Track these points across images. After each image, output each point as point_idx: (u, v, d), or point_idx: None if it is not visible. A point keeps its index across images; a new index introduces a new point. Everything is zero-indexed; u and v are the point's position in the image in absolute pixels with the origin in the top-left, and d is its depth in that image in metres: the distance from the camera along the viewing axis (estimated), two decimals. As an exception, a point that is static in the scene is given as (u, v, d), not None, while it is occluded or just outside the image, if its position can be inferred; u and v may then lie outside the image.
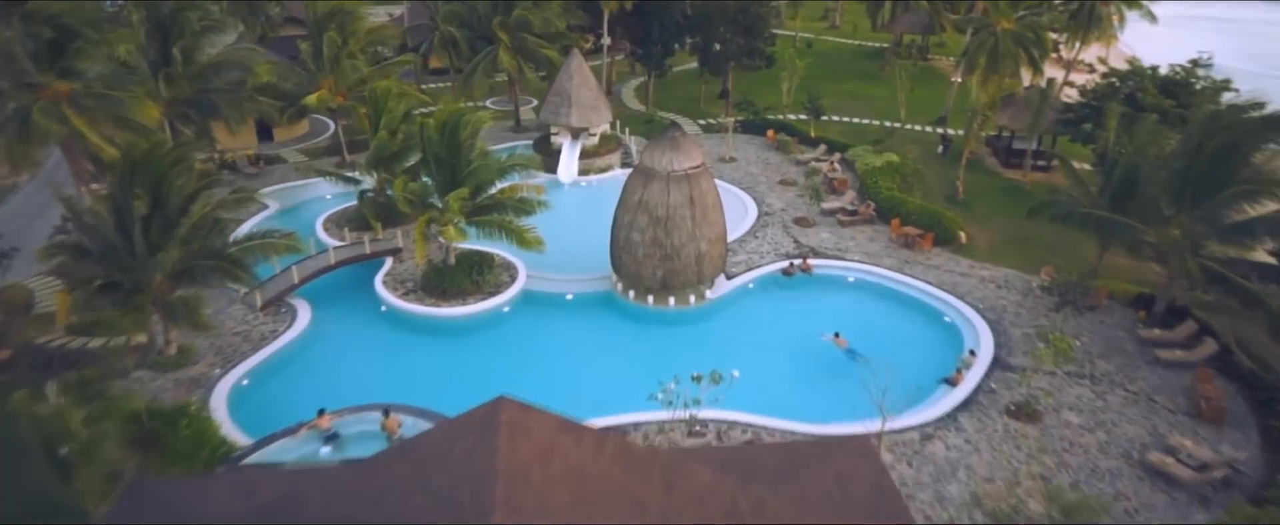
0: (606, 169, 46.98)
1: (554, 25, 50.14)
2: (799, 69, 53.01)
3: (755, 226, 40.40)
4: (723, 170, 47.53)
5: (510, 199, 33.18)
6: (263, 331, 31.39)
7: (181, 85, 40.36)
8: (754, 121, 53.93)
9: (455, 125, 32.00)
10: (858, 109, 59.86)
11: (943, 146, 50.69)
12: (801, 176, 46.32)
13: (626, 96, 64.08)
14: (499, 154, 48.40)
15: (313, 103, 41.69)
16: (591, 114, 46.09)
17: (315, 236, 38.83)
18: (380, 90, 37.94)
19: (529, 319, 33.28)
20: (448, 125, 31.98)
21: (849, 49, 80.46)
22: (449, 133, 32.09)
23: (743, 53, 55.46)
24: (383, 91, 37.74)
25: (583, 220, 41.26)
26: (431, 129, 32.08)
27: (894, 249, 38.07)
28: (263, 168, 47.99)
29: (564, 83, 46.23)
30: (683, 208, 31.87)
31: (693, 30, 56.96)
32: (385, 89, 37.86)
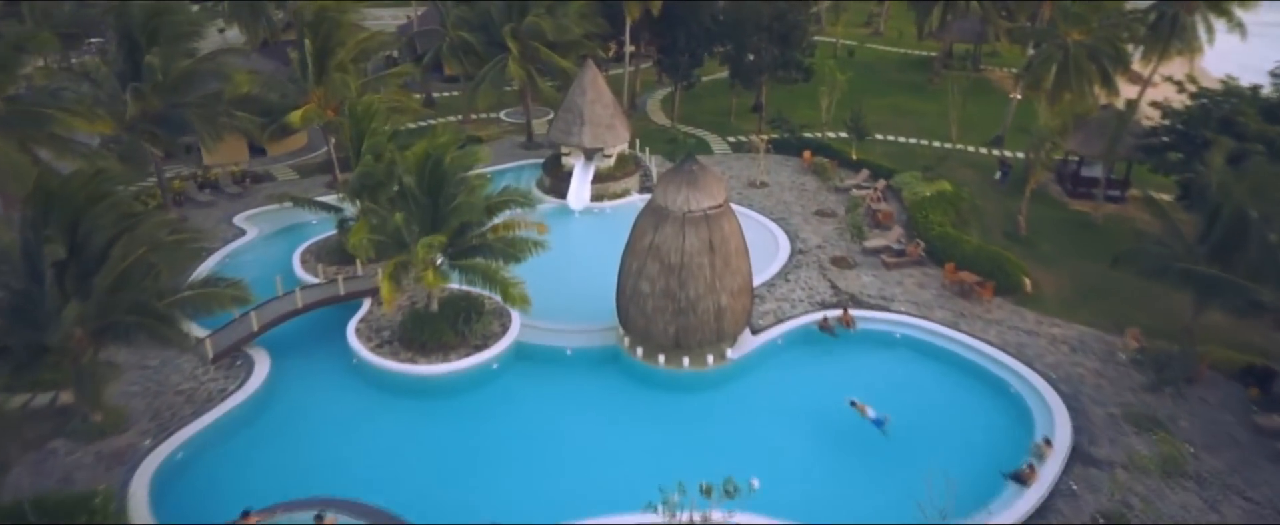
0: (623, 194, 42.26)
1: (569, 33, 45.50)
2: (840, 83, 47.86)
3: (787, 267, 35.39)
4: (752, 197, 42.57)
5: (499, 240, 28.60)
6: (210, 390, 27.13)
7: (150, 99, 36.42)
8: (789, 141, 48.86)
9: (437, 161, 27.45)
10: (903, 126, 54.48)
11: (1001, 173, 45.19)
12: (841, 207, 41.20)
13: (652, 109, 59.29)
14: (503, 176, 45.31)
15: (296, 120, 37.45)
16: (606, 133, 41.40)
17: (292, 270, 34.66)
18: (364, 106, 33.53)
19: (520, 380, 28.68)
20: (427, 161, 27.44)
21: (893, 58, 74.95)
22: (429, 168, 27.56)
23: (778, 64, 50.41)
24: (366, 108, 33.31)
25: (593, 255, 36.53)
26: (408, 163, 27.55)
27: (947, 298, 32.87)
28: (248, 186, 43.98)
29: (576, 98, 41.59)
30: (700, 255, 27.05)
31: (723, 38, 52.01)
32: (369, 104, 33.46)
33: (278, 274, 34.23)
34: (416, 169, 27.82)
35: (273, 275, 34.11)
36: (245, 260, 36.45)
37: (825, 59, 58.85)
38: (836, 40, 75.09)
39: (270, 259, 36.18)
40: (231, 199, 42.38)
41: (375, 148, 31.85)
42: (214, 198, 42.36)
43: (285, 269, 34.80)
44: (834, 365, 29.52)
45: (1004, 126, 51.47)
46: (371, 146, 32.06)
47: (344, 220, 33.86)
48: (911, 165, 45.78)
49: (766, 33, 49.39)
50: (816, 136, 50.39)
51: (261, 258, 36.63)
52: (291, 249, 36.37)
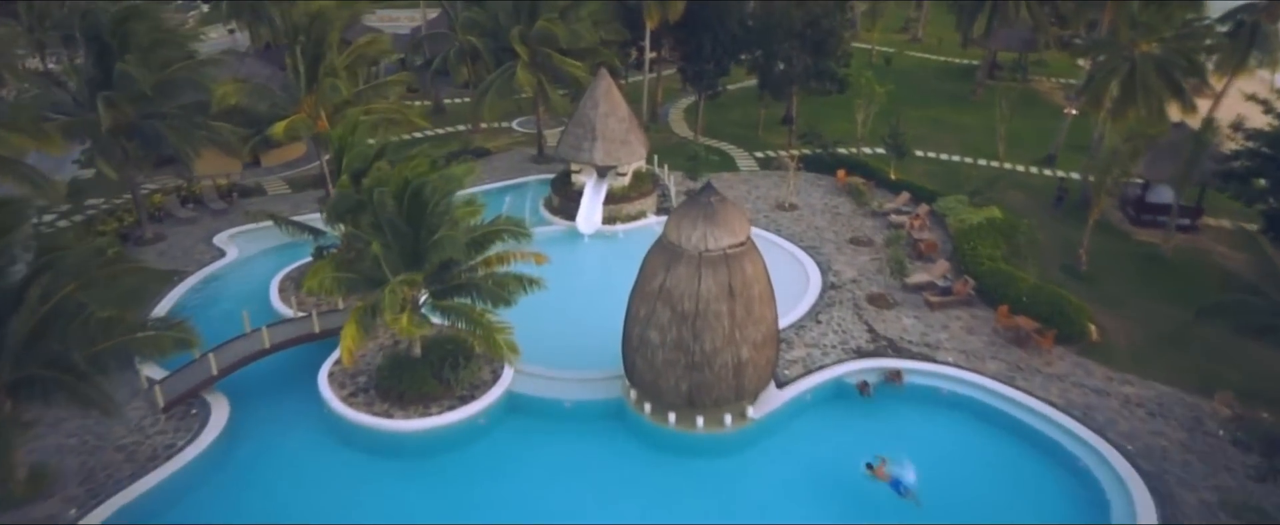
0: (638, 216, 38.57)
1: (584, 39, 41.89)
2: (878, 96, 43.87)
3: (818, 305, 31.52)
4: (780, 221, 38.71)
5: (487, 278, 25.05)
6: (156, 445, 23.84)
7: (124, 109, 33.37)
8: (821, 157, 44.92)
9: (417, 191, 23.94)
10: (945, 142, 50.29)
11: (1057, 197, 40.92)
12: (879, 235, 37.21)
13: (674, 119, 55.56)
14: (508, 192, 41.97)
15: (279, 132, 34.17)
16: (621, 149, 37.74)
17: (268, 299, 31.42)
18: (348, 120, 30.15)
19: (510, 438, 25.11)
20: (406, 191, 23.93)
21: (933, 66, 70.59)
22: (409, 198, 24.06)
23: (810, 74, 46.46)
24: (351, 121, 29.91)
25: (602, 286, 33.09)
26: (385, 193, 24.05)
27: (1001, 346, 28.85)
28: (235, 201, 40.85)
29: (588, 110, 37.97)
30: (718, 301, 23.31)
31: (752, 45, 48.15)
32: (352, 118, 30.06)
33: (254, 303, 31.12)
34: (393, 197, 24.33)
35: (248, 304, 31.00)
36: (219, 287, 33.29)
37: (861, 68, 54.64)
38: (872, 47, 70.91)
39: (248, 286, 32.95)
40: (215, 216, 39.26)
41: (355, 167, 28.44)
42: (196, 214, 39.27)
43: (261, 298, 31.58)
44: (871, 427, 25.62)
45: (1056, 144, 47.15)
46: (351, 166, 28.66)
47: (321, 247, 30.49)
48: (956, 186, 41.71)
49: (798, 40, 45.49)
50: (851, 153, 46.44)
51: (238, 284, 33.42)
52: (273, 274, 33.12)
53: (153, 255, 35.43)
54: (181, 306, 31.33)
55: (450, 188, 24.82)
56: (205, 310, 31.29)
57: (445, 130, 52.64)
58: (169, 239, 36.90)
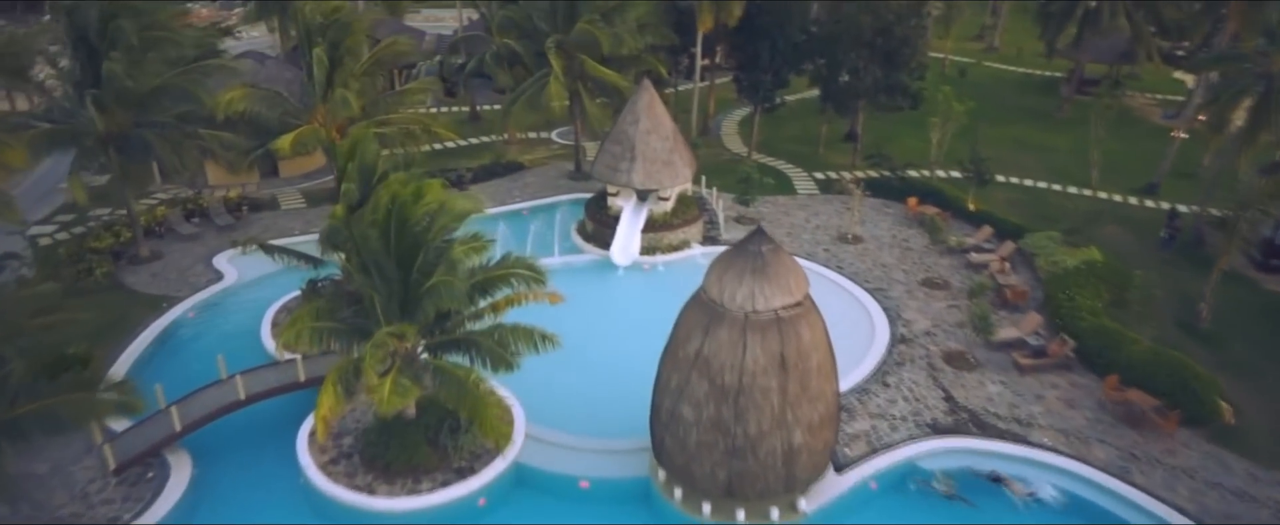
0: (681, 247, 34.26)
1: (627, 45, 37.74)
2: (956, 114, 38.92)
3: (886, 363, 26.89)
4: (842, 256, 34.07)
5: (490, 335, 21.04)
6: (98, 517, 20.34)
7: (115, 115, 30.31)
8: (889, 182, 40.10)
9: (400, 225, 20.03)
10: (1029, 165, 44.97)
11: (1167, 234, 35.46)
12: (956, 275, 32.40)
13: (727, 132, 51.12)
14: (539, 213, 38.09)
15: (284, 146, 30.65)
16: (663, 171, 33.49)
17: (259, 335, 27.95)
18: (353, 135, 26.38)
19: None
20: (390, 222, 20.02)
21: (1012, 78, 64.95)
22: (396, 233, 20.17)
23: (880, 88, 41.63)
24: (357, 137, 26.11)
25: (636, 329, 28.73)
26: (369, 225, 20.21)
27: (1110, 425, 23.92)
28: (244, 215, 37.66)
29: (627, 126, 33.81)
30: (766, 375, 18.94)
31: (815, 54, 43.51)
32: (359, 133, 26.24)
33: (243, 339, 27.75)
34: (378, 231, 20.47)
35: (235, 341, 27.70)
36: (209, 317, 29.96)
37: (936, 81, 49.43)
38: (945, 57, 65.51)
39: (240, 317, 29.53)
40: (220, 231, 36.07)
41: (350, 193, 24.70)
42: (200, 229, 36.12)
43: (252, 333, 28.12)
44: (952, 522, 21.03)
45: (1160, 171, 41.55)
46: (346, 193, 24.92)
47: (314, 282, 26.82)
48: (1043, 219, 36.64)
49: (868, 49, 40.73)
50: (923, 177, 41.52)
51: (230, 314, 30.05)
52: (269, 304, 29.66)
53: (145, 277, 32.33)
54: (162, 341, 28.13)
55: (447, 222, 20.83)
56: (187, 346, 28.12)
57: (479, 140, 49.00)
58: (166, 257, 33.80)
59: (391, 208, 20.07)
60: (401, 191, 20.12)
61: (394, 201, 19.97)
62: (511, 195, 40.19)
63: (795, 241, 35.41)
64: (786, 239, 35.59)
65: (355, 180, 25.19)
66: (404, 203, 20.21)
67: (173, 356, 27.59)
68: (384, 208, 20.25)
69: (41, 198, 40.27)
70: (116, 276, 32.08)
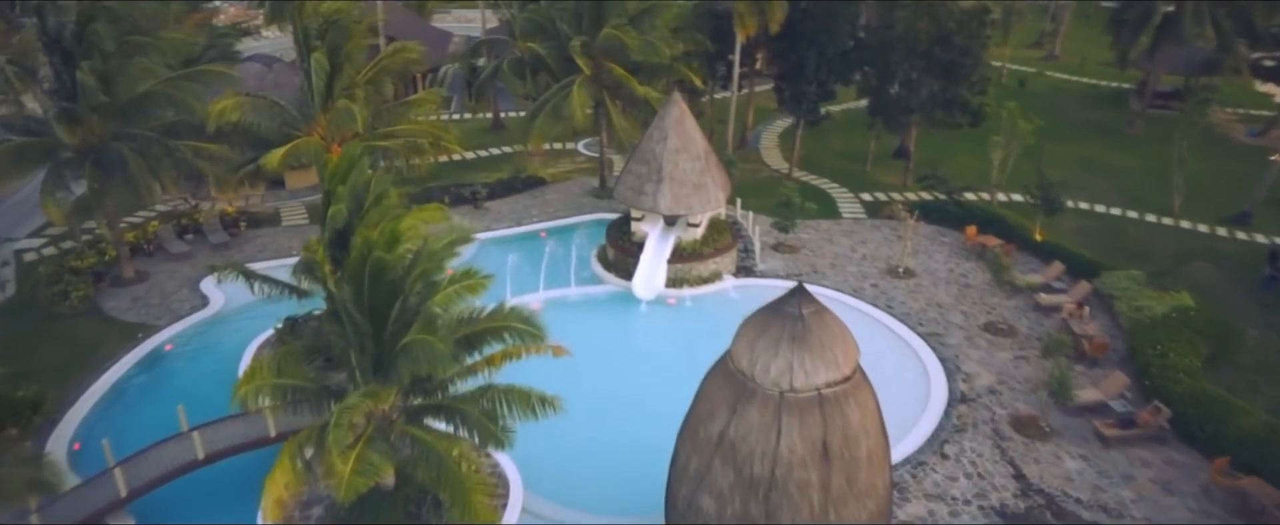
0: (712, 279, 30.82)
1: (659, 53, 34.35)
2: (1023, 133, 34.98)
3: (943, 428, 23.22)
4: (893, 293, 30.40)
5: (477, 401, 17.85)
6: (20, 607, 17.54)
7: (93, 127, 27.76)
8: (945, 206, 36.23)
9: (376, 273, 16.90)
10: (1098, 188, 40.68)
11: (1270, 273, 31.07)
12: (1024, 318, 28.57)
13: (766, 146, 47.50)
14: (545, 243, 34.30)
15: (274, 162, 27.83)
16: (693, 195, 30.09)
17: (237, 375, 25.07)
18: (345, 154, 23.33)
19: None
20: (365, 271, 16.90)
21: (1075, 90, 60.26)
22: (369, 281, 17.05)
23: (937, 102, 37.77)
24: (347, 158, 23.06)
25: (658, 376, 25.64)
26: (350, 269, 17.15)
27: (1220, 520, 20.02)
28: (241, 232, 35.01)
29: (654, 145, 30.45)
30: (805, 467, 15.47)
31: (865, 63, 39.77)
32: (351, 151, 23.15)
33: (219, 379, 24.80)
34: (350, 277, 17.40)
35: (213, 378, 24.87)
36: (187, 352, 27.26)
37: (1000, 96, 45.01)
38: (1003, 65, 61.10)
39: (221, 352, 26.66)
40: (214, 250, 33.45)
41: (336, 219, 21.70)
42: (192, 247, 33.50)
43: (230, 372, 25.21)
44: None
45: (1253, 199, 37.13)
46: (334, 216, 21.93)
47: (293, 321, 23.80)
48: (1119, 252, 32.64)
49: (924, 59, 36.91)
50: (981, 200, 37.57)
51: (210, 349, 27.28)
52: (254, 337, 26.82)
53: (126, 301, 29.75)
54: (130, 379, 25.47)
55: (428, 267, 17.66)
56: (156, 386, 25.41)
57: (501, 150, 45.96)
58: (152, 279, 31.23)
59: (365, 254, 16.93)
60: (373, 236, 16.98)
61: (367, 250, 16.83)
62: (530, 214, 37.07)
63: (839, 274, 31.79)
64: (830, 271, 31.98)
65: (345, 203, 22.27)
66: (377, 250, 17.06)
67: (139, 399, 24.92)
68: (357, 253, 17.15)
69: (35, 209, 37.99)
70: (95, 300, 29.55)
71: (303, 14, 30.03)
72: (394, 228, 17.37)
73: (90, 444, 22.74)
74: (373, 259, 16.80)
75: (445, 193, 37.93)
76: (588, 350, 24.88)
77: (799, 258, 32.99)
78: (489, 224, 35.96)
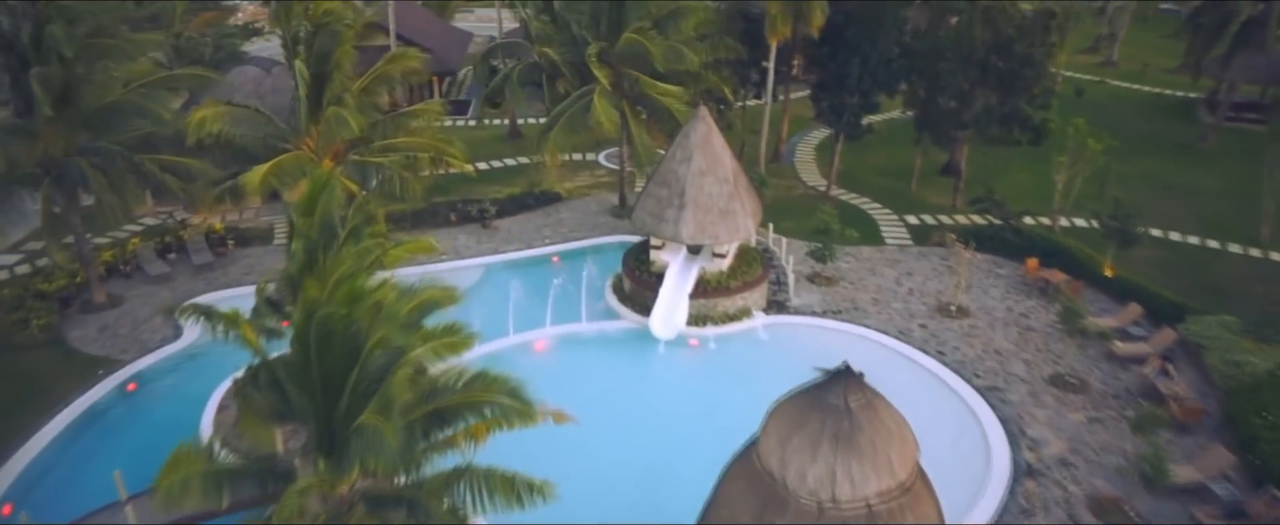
0: (739, 316, 27.47)
1: (686, 61, 31.05)
2: (1093, 153, 31.23)
3: (1007, 509, 19.72)
4: (944, 335, 26.89)
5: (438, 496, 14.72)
6: None
7: (52, 140, 25.13)
8: (1001, 233, 32.55)
9: (324, 337, 13.87)
10: (1171, 212, 36.60)
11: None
12: (1098, 372, 24.92)
13: (802, 160, 43.99)
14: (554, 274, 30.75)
15: (253, 183, 24.89)
16: (720, 223, 26.76)
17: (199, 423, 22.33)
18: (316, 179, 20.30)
19: None
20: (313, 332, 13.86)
21: (1136, 99, 55.88)
22: (317, 347, 14.02)
23: (993, 117, 34.08)
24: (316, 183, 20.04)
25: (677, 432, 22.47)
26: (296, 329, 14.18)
27: (1351, 643, 16.38)
28: (228, 251, 32.31)
29: (677, 165, 27.18)
30: (851, 606, 12.15)
31: (913, 73, 36.16)
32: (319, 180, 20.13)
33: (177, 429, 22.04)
34: (297, 340, 14.41)
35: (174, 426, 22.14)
36: (147, 395, 24.47)
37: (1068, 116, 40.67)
38: (1057, 73, 56.74)
39: (186, 394, 23.86)
40: (196, 272, 30.72)
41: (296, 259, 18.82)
42: (173, 268, 30.79)
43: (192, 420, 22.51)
44: None
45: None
46: (296, 253, 19.07)
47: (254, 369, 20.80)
48: (1205, 291, 28.84)
49: (980, 70, 33.26)
50: (1039, 225, 33.84)
51: (176, 389, 24.49)
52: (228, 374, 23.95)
53: (92, 330, 27.09)
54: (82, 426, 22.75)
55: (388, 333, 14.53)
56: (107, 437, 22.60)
57: (515, 161, 42.93)
58: (125, 305, 28.56)
59: (309, 313, 13.89)
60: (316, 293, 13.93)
61: (312, 308, 13.79)
62: (541, 234, 33.98)
63: (883, 311, 28.32)
64: (872, 308, 28.52)
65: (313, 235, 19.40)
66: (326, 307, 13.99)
67: (88, 451, 22.15)
68: (302, 311, 14.12)
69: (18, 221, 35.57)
70: (59, 328, 26.94)
71: (289, 16, 27.26)
72: (351, 287, 14.28)
73: (29, 505, 20.08)
74: (320, 318, 13.74)
75: (452, 209, 35.00)
76: (596, 399, 22.12)
77: (837, 291, 29.55)
78: (497, 246, 32.93)
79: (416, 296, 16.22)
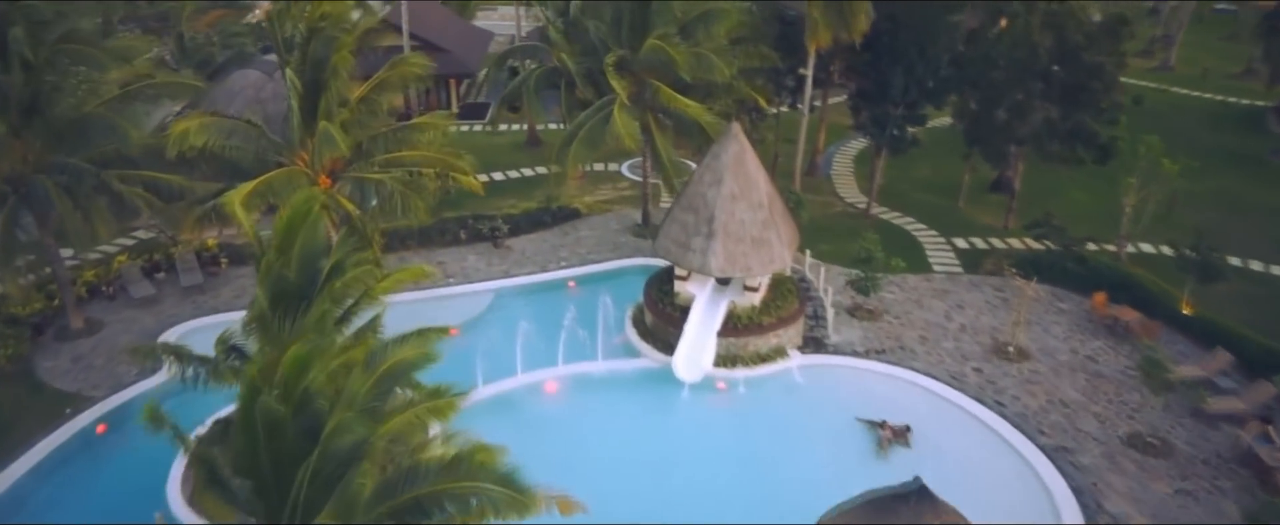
0: (772, 357, 24.67)
1: (716, 70, 28.26)
2: (1168, 174, 28.12)
3: (1089, 608, 16.88)
4: (1003, 382, 23.99)
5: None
6: None
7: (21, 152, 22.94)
8: (1062, 262, 29.48)
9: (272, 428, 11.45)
10: (1249, 238, 33.27)
11: None
12: (1182, 430, 21.91)
13: (838, 173, 41.06)
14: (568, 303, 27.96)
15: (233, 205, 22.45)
16: (753, 253, 24.01)
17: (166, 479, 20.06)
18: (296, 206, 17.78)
19: None
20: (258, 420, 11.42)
21: (1198, 107, 52.19)
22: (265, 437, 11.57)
23: (1055, 133, 30.98)
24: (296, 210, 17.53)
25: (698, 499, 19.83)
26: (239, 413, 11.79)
27: None
28: (221, 271, 30.07)
29: (706, 188, 24.45)
30: None
31: (965, 83, 33.12)
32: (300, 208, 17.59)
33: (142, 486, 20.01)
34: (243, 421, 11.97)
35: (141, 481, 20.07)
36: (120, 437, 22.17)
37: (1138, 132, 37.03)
38: (1115, 79, 53.28)
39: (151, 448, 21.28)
40: (183, 296, 28.49)
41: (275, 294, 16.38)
42: (160, 290, 28.58)
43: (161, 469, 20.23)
44: None
45: None
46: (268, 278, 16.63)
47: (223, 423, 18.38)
48: None
49: (1041, 80, 30.21)
50: (1106, 252, 30.72)
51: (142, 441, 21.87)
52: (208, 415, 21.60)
53: (66, 360, 24.94)
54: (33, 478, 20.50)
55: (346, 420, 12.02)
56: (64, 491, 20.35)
57: (533, 171, 40.38)
58: (104, 331, 26.38)
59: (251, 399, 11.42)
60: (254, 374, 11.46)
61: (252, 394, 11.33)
62: (558, 256, 31.43)
63: (932, 351, 25.45)
64: (920, 347, 25.66)
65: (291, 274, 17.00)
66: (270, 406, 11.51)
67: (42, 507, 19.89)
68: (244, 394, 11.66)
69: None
70: (30, 358, 24.80)
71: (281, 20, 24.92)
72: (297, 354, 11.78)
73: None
74: (263, 411, 11.27)
75: (462, 227, 32.51)
76: (609, 452, 19.57)
77: (881, 327, 26.70)
78: (508, 268, 30.43)
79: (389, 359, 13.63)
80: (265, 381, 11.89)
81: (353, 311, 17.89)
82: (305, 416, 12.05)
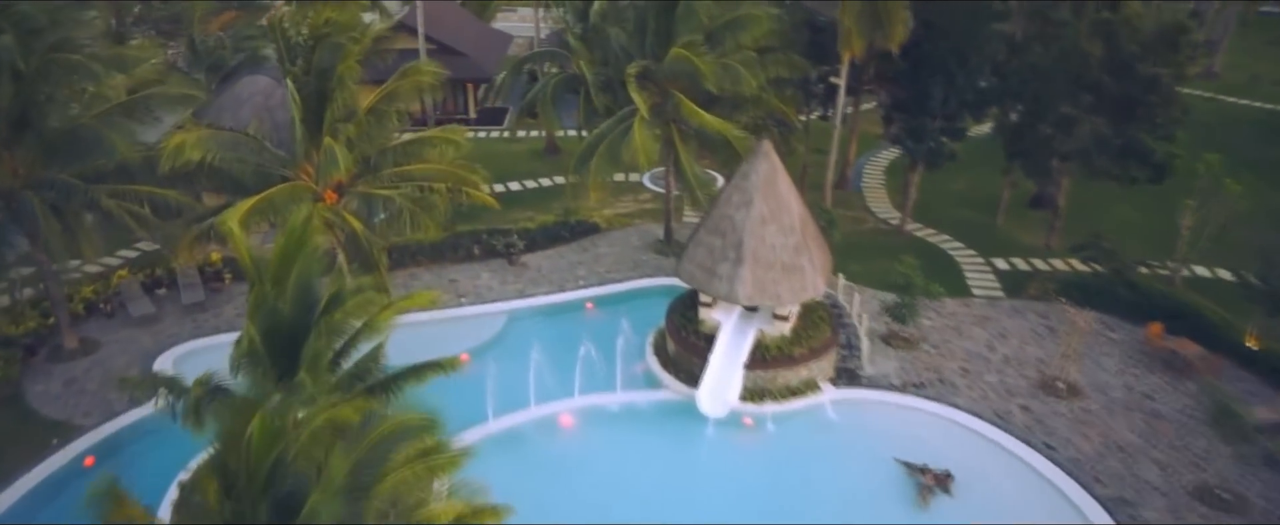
0: (803, 390, 23.02)
1: (743, 82, 26.61)
2: (1228, 193, 26.23)
3: None
4: (1053, 422, 22.20)
5: None
6: None
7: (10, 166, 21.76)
8: (1110, 286, 27.60)
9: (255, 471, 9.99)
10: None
11: None
12: (1256, 482, 20.05)
13: (870, 187, 39.26)
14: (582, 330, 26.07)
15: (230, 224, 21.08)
16: (784, 280, 22.36)
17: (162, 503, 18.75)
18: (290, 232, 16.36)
19: None
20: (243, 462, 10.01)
21: (1246, 117, 49.90)
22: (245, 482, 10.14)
23: (1106, 149, 29.07)
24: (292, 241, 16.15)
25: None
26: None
27: None
28: (226, 286, 28.82)
29: (733, 211, 22.81)
30: None
31: (1008, 95, 31.29)
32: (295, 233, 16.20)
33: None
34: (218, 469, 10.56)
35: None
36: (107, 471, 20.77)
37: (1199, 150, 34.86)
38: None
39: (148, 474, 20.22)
40: (184, 314, 27.25)
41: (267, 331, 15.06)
42: (160, 308, 27.36)
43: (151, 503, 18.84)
44: None
45: None
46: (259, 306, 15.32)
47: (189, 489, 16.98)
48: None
49: (1092, 92, 28.36)
50: (1158, 276, 28.79)
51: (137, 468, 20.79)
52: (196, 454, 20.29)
53: (57, 384, 23.73)
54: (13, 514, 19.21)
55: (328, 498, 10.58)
56: (43, 534, 19.05)
57: (551, 181, 38.94)
58: (100, 352, 25.16)
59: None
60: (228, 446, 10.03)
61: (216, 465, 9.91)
62: (575, 273, 29.94)
63: (975, 385, 23.73)
64: (961, 380, 23.94)
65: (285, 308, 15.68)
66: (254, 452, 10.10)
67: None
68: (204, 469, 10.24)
69: None
70: (20, 382, 23.56)
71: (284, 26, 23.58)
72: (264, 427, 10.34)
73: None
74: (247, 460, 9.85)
75: (475, 242, 31.07)
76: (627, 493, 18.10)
77: (919, 357, 24.99)
78: (524, 287, 28.98)
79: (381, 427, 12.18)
80: (231, 454, 10.47)
81: (353, 343, 16.59)
82: (280, 489, 10.64)
